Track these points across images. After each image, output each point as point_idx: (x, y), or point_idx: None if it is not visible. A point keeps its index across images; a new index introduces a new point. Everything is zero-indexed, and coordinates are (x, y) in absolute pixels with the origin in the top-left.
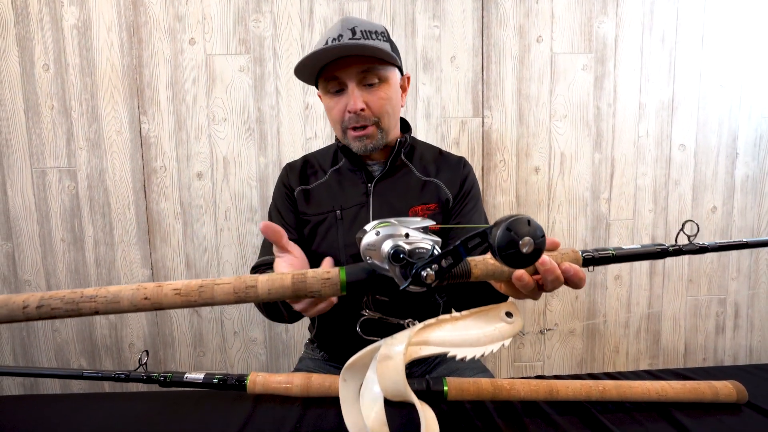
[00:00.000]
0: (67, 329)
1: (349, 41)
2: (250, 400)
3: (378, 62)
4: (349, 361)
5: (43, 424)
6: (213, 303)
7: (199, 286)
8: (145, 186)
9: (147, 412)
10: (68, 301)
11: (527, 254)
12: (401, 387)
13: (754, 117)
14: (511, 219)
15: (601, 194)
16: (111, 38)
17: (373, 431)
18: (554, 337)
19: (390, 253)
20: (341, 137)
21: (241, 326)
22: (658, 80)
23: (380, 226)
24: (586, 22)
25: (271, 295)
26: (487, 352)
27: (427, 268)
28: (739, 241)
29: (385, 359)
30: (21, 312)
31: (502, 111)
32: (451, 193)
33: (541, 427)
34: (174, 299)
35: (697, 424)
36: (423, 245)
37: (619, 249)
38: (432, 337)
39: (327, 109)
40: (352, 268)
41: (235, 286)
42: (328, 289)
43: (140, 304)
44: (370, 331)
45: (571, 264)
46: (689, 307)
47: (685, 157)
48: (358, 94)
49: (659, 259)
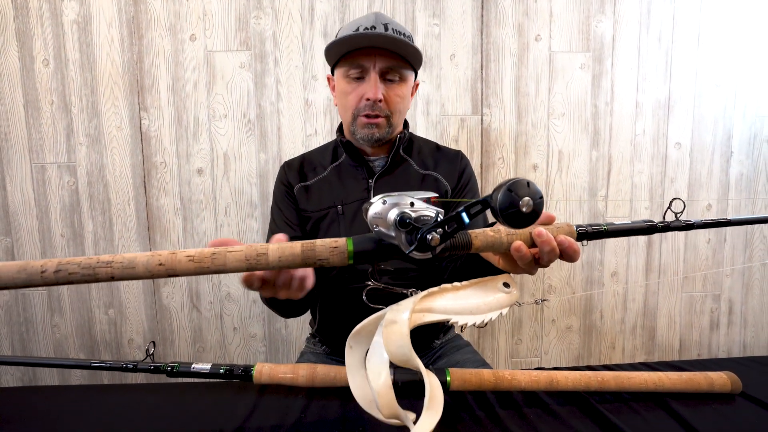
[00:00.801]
0: (66, 324)
1: (387, 33)
2: (255, 391)
3: (402, 62)
4: (355, 329)
5: (47, 416)
6: (225, 270)
7: (212, 254)
8: (145, 182)
9: (152, 403)
10: (85, 266)
11: (527, 214)
12: (407, 351)
13: (749, 116)
14: (512, 181)
15: (598, 191)
16: (111, 34)
17: (380, 394)
18: (552, 332)
19: (396, 219)
20: (348, 124)
21: (240, 322)
22: (654, 79)
23: (386, 196)
24: (584, 21)
25: (281, 263)
26: (486, 320)
27: (432, 231)
28: (723, 219)
29: (391, 324)
30: (39, 276)
31: (501, 109)
32: (450, 186)
33: (541, 416)
34: (187, 266)
35: (693, 413)
36: (428, 213)
37: (611, 224)
38: (435, 305)
39: (341, 94)
40: (359, 238)
41: (246, 253)
42: (335, 258)
43: (155, 270)
44: (375, 301)
45: (566, 236)
46: (684, 303)
47: (680, 155)
48: (380, 85)
49: (648, 234)
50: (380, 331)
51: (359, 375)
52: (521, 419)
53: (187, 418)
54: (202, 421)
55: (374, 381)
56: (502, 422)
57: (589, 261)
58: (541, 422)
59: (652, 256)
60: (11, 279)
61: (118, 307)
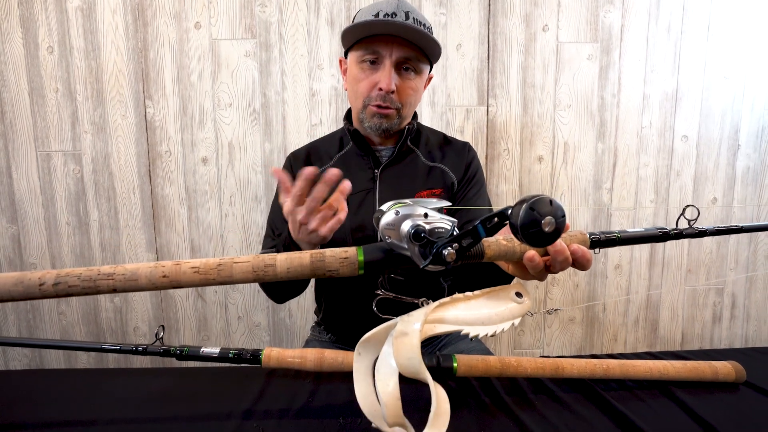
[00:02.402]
0: (72, 312)
1: (407, 22)
2: (263, 375)
3: (420, 53)
4: (364, 337)
5: (54, 399)
6: (231, 281)
7: (218, 265)
8: (150, 170)
9: (159, 387)
10: (85, 278)
11: (549, 233)
12: (416, 364)
13: (757, 109)
14: (534, 198)
15: (603, 184)
16: (116, 21)
17: (386, 404)
18: (554, 324)
19: (410, 232)
20: (358, 111)
21: (245, 311)
22: (662, 71)
23: (398, 206)
24: (592, 11)
25: (290, 274)
26: (498, 330)
27: (448, 247)
28: (736, 226)
29: (402, 335)
30: (37, 289)
31: (507, 100)
32: (456, 178)
33: (546, 403)
34: (192, 277)
35: (697, 401)
36: (442, 225)
37: (624, 232)
38: (447, 316)
39: (353, 79)
40: (370, 248)
41: (254, 264)
42: (346, 268)
43: (158, 282)
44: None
45: (579, 246)
46: (687, 296)
47: (687, 148)
48: (394, 76)
49: (661, 242)
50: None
51: (365, 383)
52: (527, 405)
53: (194, 401)
54: (210, 405)
55: (382, 390)
56: (507, 407)
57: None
58: (547, 408)
59: (656, 249)
60: (7, 292)
61: (123, 295)
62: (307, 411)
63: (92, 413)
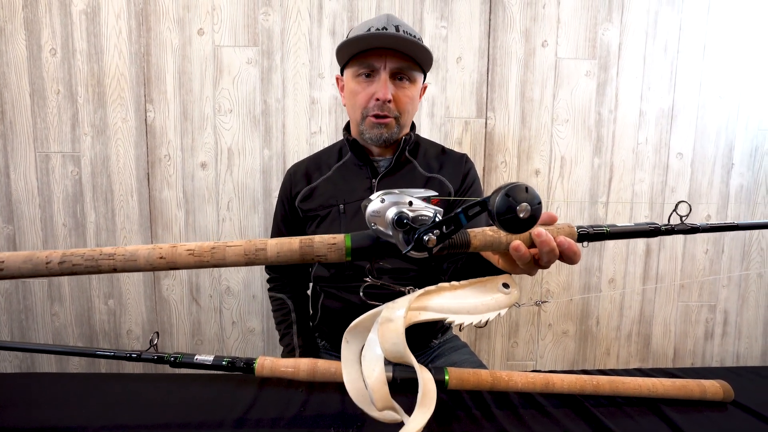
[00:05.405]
0: (65, 313)
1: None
2: (255, 384)
3: (413, 63)
4: (352, 324)
5: (46, 403)
6: (224, 264)
7: (212, 248)
8: (149, 174)
9: (152, 393)
10: (88, 258)
11: (524, 219)
12: (401, 348)
13: (751, 128)
14: (510, 186)
15: (599, 199)
16: (120, 25)
17: (373, 390)
18: (548, 336)
19: (394, 218)
20: (357, 123)
21: (239, 316)
22: (658, 88)
23: (385, 194)
24: (591, 29)
25: (279, 258)
26: (483, 320)
27: (429, 233)
28: (730, 223)
29: (387, 322)
30: (44, 267)
31: (506, 113)
32: (453, 187)
33: (536, 417)
34: (187, 259)
35: (685, 420)
36: (426, 213)
37: (613, 226)
38: (431, 303)
39: (350, 93)
40: (357, 235)
41: (245, 248)
42: (333, 254)
43: (156, 263)
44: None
45: (566, 237)
46: (680, 312)
47: (682, 165)
48: (390, 86)
49: (651, 237)
50: (376, 328)
51: (354, 369)
52: (517, 419)
53: (187, 409)
54: (202, 413)
55: (368, 376)
56: (497, 421)
57: (588, 267)
58: (536, 423)
59: (650, 264)
60: (17, 269)
61: (117, 298)
62: (299, 420)
63: (85, 418)
